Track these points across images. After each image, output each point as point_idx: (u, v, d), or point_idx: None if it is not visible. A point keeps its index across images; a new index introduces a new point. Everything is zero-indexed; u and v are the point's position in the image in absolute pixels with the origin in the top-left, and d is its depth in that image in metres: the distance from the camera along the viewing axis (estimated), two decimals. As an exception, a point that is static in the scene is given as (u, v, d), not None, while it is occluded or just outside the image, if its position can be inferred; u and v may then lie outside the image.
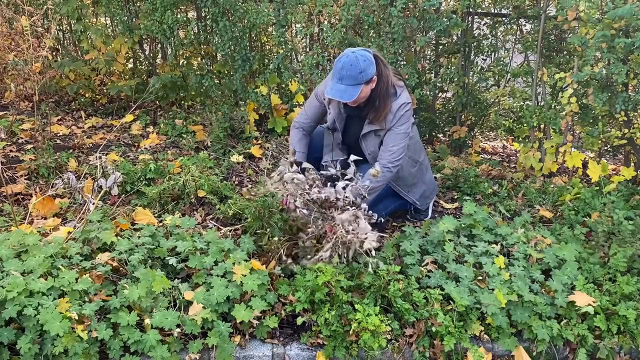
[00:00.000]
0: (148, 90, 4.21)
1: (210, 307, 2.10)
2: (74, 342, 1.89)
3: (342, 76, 2.49)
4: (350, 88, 2.50)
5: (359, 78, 2.48)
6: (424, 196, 2.99)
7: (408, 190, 2.94)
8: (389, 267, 2.34)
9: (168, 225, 2.60)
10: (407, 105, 2.65)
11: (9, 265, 2.11)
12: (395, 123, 2.64)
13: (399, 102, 2.63)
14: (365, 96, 2.59)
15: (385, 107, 2.62)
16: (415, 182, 2.94)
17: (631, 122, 3.29)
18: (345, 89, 2.50)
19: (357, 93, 2.50)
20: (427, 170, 3.02)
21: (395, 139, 2.66)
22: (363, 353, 2.16)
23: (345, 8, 3.43)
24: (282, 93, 4.11)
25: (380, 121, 2.65)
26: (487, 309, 2.24)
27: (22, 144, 3.82)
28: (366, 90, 2.56)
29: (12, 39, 4.05)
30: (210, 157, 3.60)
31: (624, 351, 2.35)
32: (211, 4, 3.68)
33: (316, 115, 2.88)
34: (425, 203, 3.03)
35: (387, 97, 2.62)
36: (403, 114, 2.64)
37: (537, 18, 3.60)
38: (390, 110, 2.63)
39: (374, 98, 2.61)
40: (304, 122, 2.89)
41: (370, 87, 2.57)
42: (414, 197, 2.96)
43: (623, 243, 2.59)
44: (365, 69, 2.49)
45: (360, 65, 2.47)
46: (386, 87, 2.60)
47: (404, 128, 2.66)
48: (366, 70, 2.49)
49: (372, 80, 2.55)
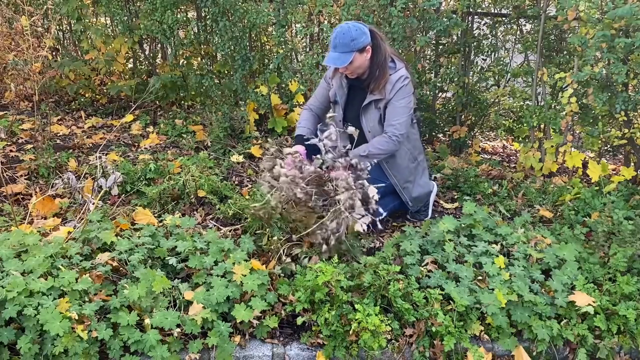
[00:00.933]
0: (148, 90, 4.21)
1: (210, 307, 2.10)
2: (74, 342, 1.89)
3: (336, 44, 2.64)
4: (343, 55, 2.63)
5: (350, 45, 2.62)
6: (417, 200, 3.01)
7: (403, 186, 2.94)
8: (389, 267, 2.34)
9: (168, 225, 2.60)
10: (406, 79, 2.75)
11: (9, 265, 2.11)
12: (394, 95, 2.74)
13: (398, 74, 2.75)
14: (361, 65, 2.70)
15: (384, 75, 2.73)
16: (410, 180, 2.95)
17: (631, 122, 3.29)
18: (338, 56, 2.64)
19: (349, 59, 2.63)
20: (423, 172, 3.03)
21: (397, 113, 2.75)
22: (363, 353, 2.16)
23: (345, 8, 3.43)
24: (282, 93, 4.11)
25: (380, 90, 2.75)
26: (487, 309, 2.24)
27: (22, 144, 3.83)
28: (361, 59, 2.68)
29: (12, 39, 4.05)
30: (210, 157, 3.60)
31: (624, 351, 2.35)
32: (211, 4, 3.68)
33: (324, 97, 3.00)
34: (417, 205, 3.04)
35: (385, 67, 2.73)
36: (402, 87, 2.73)
37: (537, 18, 3.60)
38: (389, 80, 2.74)
39: (374, 68, 2.73)
40: (313, 103, 3.03)
41: (366, 57, 2.69)
42: (407, 196, 2.96)
43: (623, 243, 2.59)
44: (357, 37, 2.62)
45: (352, 33, 2.62)
46: (384, 58, 2.73)
47: (405, 102, 2.75)
48: (358, 38, 2.62)
49: (366, 50, 2.67)
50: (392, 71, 2.75)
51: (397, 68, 2.76)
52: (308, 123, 2.95)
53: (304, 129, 2.91)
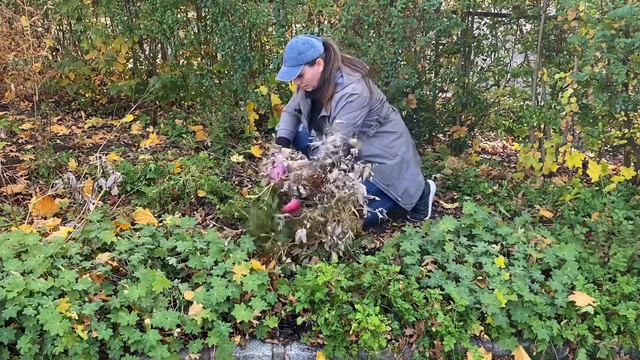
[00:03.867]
0: (148, 90, 4.21)
1: (210, 307, 2.10)
2: (74, 342, 1.89)
3: (285, 59, 2.71)
4: (291, 69, 2.69)
5: (298, 59, 2.66)
6: (407, 194, 2.95)
7: (387, 184, 2.89)
8: (389, 267, 2.34)
9: (168, 225, 2.60)
10: (352, 96, 2.71)
11: (9, 265, 2.11)
12: (337, 113, 2.73)
13: (343, 92, 2.73)
14: (313, 78, 2.73)
15: (327, 91, 2.75)
16: (394, 176, 2.90)
17: (631, 122, 3.29)
18: (287, 70, 2.70)
19: (297, 73, 2.67)
20: (408, 166, 2.94)
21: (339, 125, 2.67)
22: (363, 353, 2.16)
23: (345, 8, 3.43)
24: (282, 93, 4.11)
25: (326, 105, 2.78)
26: (487, 309, 2.24)
27: (22, 144, 3.82)
28: (311, 72, 2.70)
29: (12, 39, 4.05)
30: (210, 157, 3.60)
31: (624, 351, 2.35)
32: (211, 4, 3.68)
33: (296, 102, 3.05)
34: (410, 202, 2.98)
35: (330, 81, 2.74)
36: (344, 105, 2.72)
37: (537, 18, 3.60)
38: (334, 98, 2.75)
39: (322, 81, 2.75)
40: (291, 106, 3.10)
41: (318, 70, 2.72)
42: (395, 194, 2.91)
43: (623, 243, 2.59)
44: (304, 51, 2.66)
45: (299, 47, 2.66)
46: (330, 72, 2.74)
47: (346, 118, 2.69)
48: (305, 52, 2.66)
49: (317, 63, 2.70)
50: (339, 88, 2.73)
51: (344, 84, 2.72)
52: (288, 124, 3.01)
53: (285, 130, 2.98)
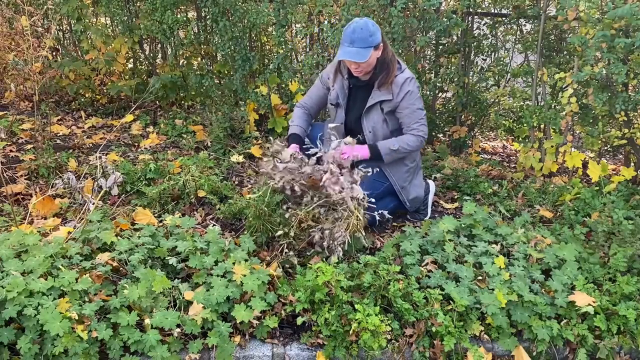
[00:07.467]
0: (148, 90, 4.21)
1: (210, 307, 2.10)
2: (74, 342, 1.89)
3: (354, 39, 2.57)
4: (362, 50, 2.57)
5: (369, 41, 2.56)
6: (415, 200, 3.00)
7: (402, 186, 2.93)
8: (389, 267, 2.34)
9: (168, 225, 2.60)
10: (413, 79, 2.74)
11: (9, 265, 2.11)
12: (404, 98, 2.70)
13: (405, 75, 2.72)
14: (372, 63, 2.66)
15: (392, 71, 2.70)
16: (409, 180, 2.94)
17: (631, 122, 3.29)
18: (357, 51, 2.57)
19: (369, 55, 2.57)
20: (418, 173, 3.02)
21: (416, 116, 2.75)
22: (363, 353, 2.16)
23: (345, 8, 3.43)
24: (282, 93, 4.11)
25: (387, 87, 2.71)
26: (487, 309, 2.24)
27: (22, 144, 3.82)
28: (374, 56, 2.64)
29: (12, 39, 4.05)
30: (210, 157, 3.60)
31: (624, 351, 2.35)
32: (211, 4, 3.68)
33: (319, 97, 2.97)
34: (415, 206, 3.04)
35: (393, 64, 2.70)
36: (410, 90, 2.71)
37: (537, 18, 3.60)
38: (395, 82, 2.70)
39: (382, 65, 2.69)
40: (307, 102, 3.01)
41: (377, 55, 2.66)
42: (405, 197, 2.95)
43: (623, 243, 2.59)
44: (375, 33, 2.59)
45: (370, 28, 2.57)
46: (392, 55, 2.71)
47: (418, 103, 2.75)
48: (375, 34, 2.59)
49: (379, 47, 2.63)
50: (399, 72, 2.72)
51: (402, 68, 2.74)
52: (302, 122, 2.94)
53: (298, 127, 2.91)
